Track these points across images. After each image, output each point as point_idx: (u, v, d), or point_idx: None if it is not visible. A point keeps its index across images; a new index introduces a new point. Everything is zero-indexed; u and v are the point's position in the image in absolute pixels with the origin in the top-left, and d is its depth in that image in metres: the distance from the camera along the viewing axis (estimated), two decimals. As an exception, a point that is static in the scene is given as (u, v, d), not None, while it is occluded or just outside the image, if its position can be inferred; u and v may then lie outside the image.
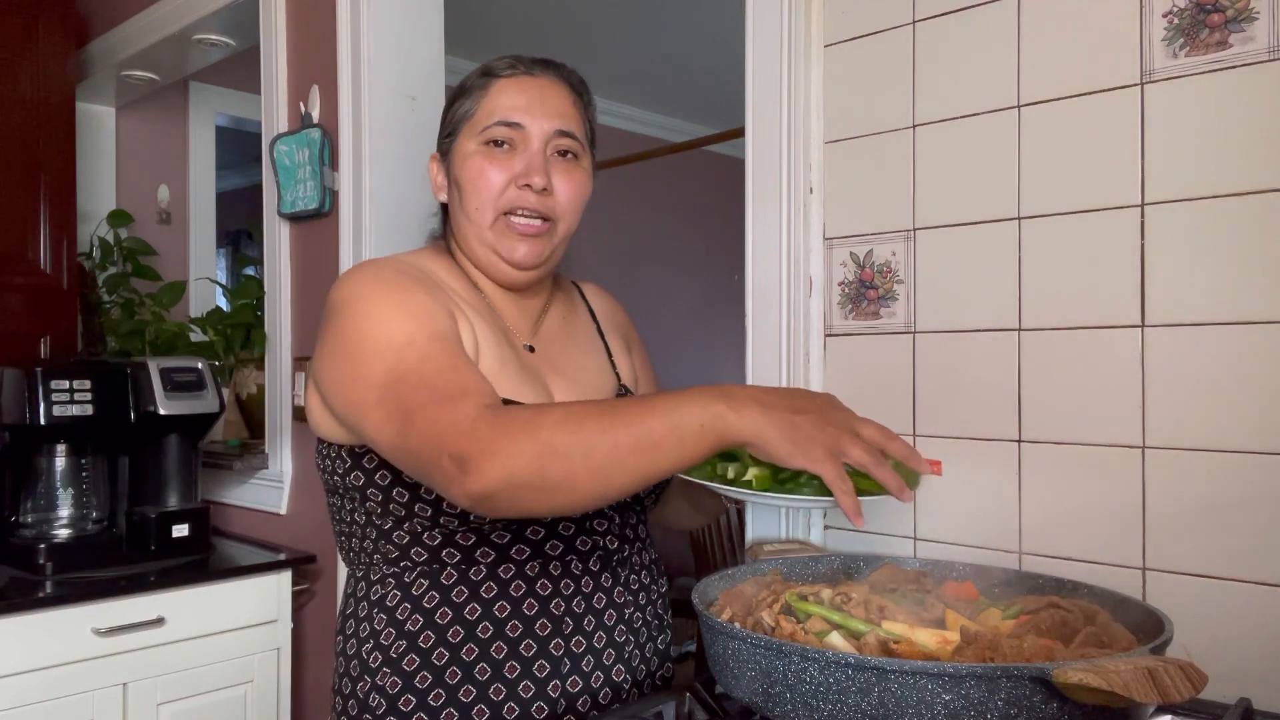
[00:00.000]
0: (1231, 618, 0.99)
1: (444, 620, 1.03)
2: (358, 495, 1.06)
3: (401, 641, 1.03)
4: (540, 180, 1.07)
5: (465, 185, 1.10)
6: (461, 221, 1.12)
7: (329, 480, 1.10)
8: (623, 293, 1.41)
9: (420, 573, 1.04)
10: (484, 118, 1.09)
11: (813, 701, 0.74)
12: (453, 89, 1.17)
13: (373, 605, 1.06)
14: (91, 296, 2.82)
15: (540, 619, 1.04)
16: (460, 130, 1.12)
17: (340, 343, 0.99)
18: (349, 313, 1.00)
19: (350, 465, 1.06)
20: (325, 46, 2.10)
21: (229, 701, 2.02)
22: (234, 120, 3.62)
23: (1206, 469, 1.01)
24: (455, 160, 1.12)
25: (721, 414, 0.84)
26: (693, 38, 3.78)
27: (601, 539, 1.09)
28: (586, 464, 0.83)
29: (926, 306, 1.24)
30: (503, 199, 1.08)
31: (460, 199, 1.11)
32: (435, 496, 1.01)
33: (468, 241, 1.12)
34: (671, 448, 0.84)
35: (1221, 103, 1.01)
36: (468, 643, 1.02)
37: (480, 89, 1.11)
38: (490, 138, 1.09)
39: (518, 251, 1.10)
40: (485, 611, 1.03)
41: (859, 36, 1.30)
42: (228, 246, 5.66)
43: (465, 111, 1.12)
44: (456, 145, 1.12)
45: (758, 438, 0.84)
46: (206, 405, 2.10)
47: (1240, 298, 1.00)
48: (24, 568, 1.94)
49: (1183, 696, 0.66)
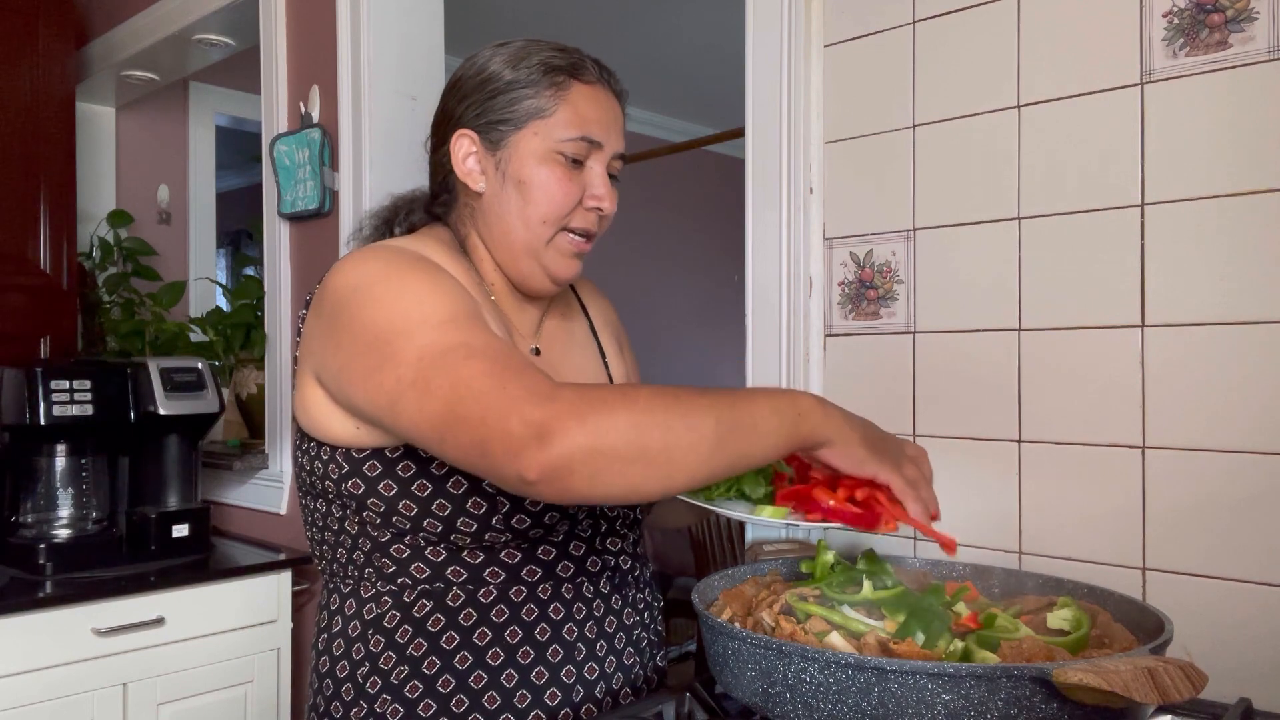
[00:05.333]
0: (1231, 618, 0.99)
1: (450, 646, 0.97)
2: (353, 503, 0.98)
3: (403, 667, 0.97)
4: (611, 206, 1.04)
5: (534, 193, 1.01)
6: (508, 223, 1.03)
7: (316, 484, 1.01)
8: (623, 293, 1.41)
9: (422, 593, 0.98)
10: (564, 125, 1.00)
11: (813, 701, 0.74)
12: (490, 65, 1.05)
13: (366, 625, 0.99)
14: (91, 296, 2.82)
15: (553, 645, 0.99)
16: (527, 125, 1.01)
17: (359, 330, 0.89)
18: (363, 298, 0.91)
19: (348, 471, 0.97)
20: (325, 46, 2.10)
21: (229, 701, 2.02)
22: (234, 120, 3.62)
23: (1206, 469, 1.01)
24: (516, 157, 1.01)
25: (810, 410, 0.84)
26: (693, 38, 3.78)
27: (614, 558, 1.07)
28: (690, 437, 0.78)
29: (926, 306, 1.23)
30: (569, 217, 1.02)
31: (519, 203, 1.02)
32: (449, 512, 0.95)
33: (508, 247, 1.04)
34: (769, 432, 0.82)
35: (1221, 103, 1.01)
36: (475, 670, 0.97)
37: (555, 86, 1.01)
38: (573, 153, 1.01)
39: (566, 271, 1.05)
40: (496, 637, 0.98)
41: (859, 36, 1.30)
42: (228, 246, 5.66)
43: (536, 107, 1.01)
44: (519, 140, 1.01)
45: (839, 438, 0.85)
46: (206, 405, 2.10)
47: (1240, 298, 1.00)
48: (24, 568, 1.93)
49: (1183, 696, 0.66)
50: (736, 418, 0.81)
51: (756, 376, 1.38)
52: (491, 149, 1.03)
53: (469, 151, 1.04)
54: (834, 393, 1.32)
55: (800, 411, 0.84)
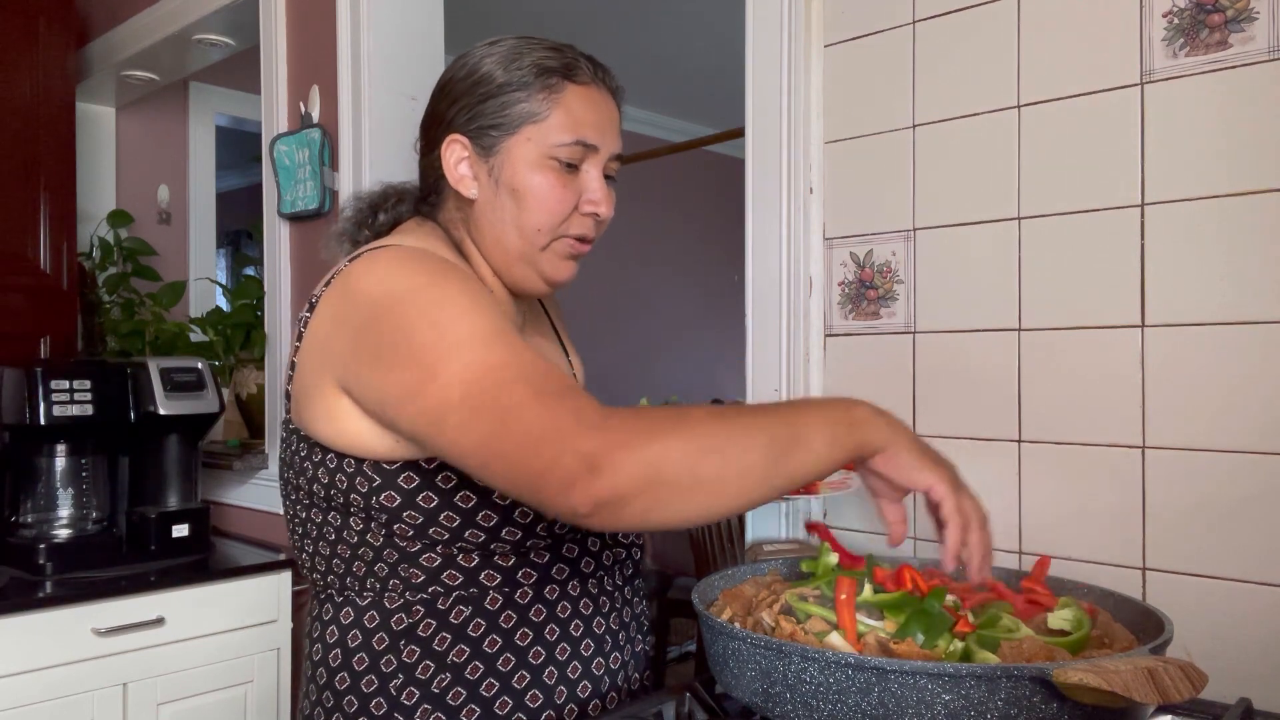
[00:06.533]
0: (1231, 618, 0.99)
1: (493, 649, 0.95)
2: (383, 516, 0.93)
3: (445, 675, 0.94)
4: (609, 211, 1.01)
5: (529, 201, 0.99)
6: (502, 230, 1.01)
7: (334, 497, 0.96)
8: (623, 292, 1.41)
9: (458, 598, 0.95)
10: (558, 130, 0.98)
11: (813, 701, 0.74)
12: (481, 66, 1.02)
13: (397, 636, 0.95)
14: (91, 296, 2.82)
15: (586, 639, 1.01)
16: (520, 130, 0.98)
17: (401, 343, 0.85)
18: (405, 310, 0.86)
19: (380, 484, 0.93)
20: (325, 46, 2.10)
21: (229, 701, 2.02)
22: (234, 120, 3.62)
23: (1206, 469, 1.01)
24: (510, 163, 0.99)
25: (865, 420, 0.84)
26: (693, 38, 3.78)
27: (626, 550, 1.07)
28: (745, 460, 0.77)
29: (926, 306, 1.23)
30: (565, 223, 1.00)
31: (513, 210, 0.99)
32: (494, 523, 0.93)
33: (503, 253, 1.02)
34: (824, 445, 0.81)
35: (1221, 103, 1.01)
36: (519, 670, 0.96)
37: (548, 89, 0.98)
38: (567, 158, 0.98)
39: (562, 274, 1.03)
40: (537, 636, 0.97)
41: (859, 36, 1.30)
42: (228, 246, 5.66)
43: (529, 111, 0.98)
44: (511, 146, 0.99)
45: (891, 444, 0.85)
46: (206, 405, 2.10)
47: (1240, 298, 1.00)
48: (24, 568, 1.93)
49: (1183, 696, 0.66)
50: (792, 434, 0.80)
51: (756, 376, 1.38)
52: (484, 154, 1.00)
53: (461, 157, 1.01)
54: (834, 393, 1.32)
55: (854, 420, 0.84)
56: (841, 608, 0.84)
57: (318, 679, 1.00)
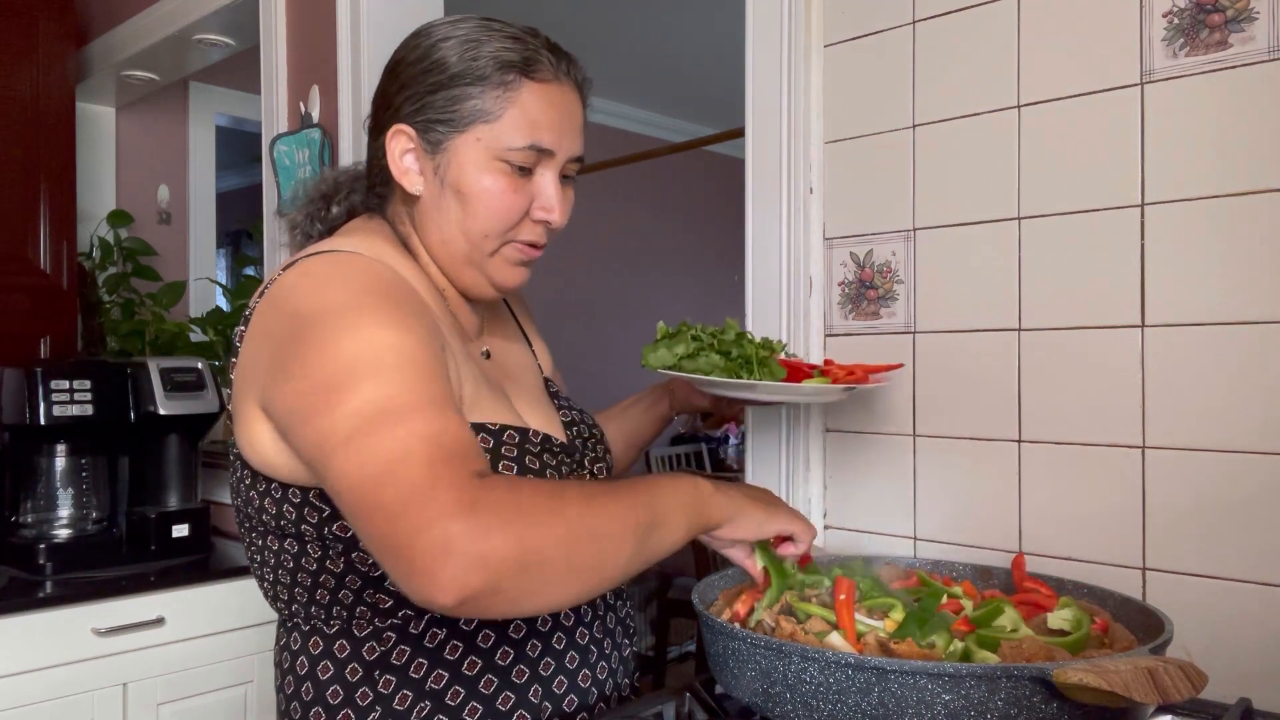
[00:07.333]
0: (1231, 618, 0.99)
1: (473, 671, 0.92)
2: (339, 545, 0.89)
3: (424, 703, 0.90)
4: (562, 219, 0.96)
5: (475, 205, 0.93)
6: (448, 232, 0.95)
7: (285, 526, 0.91)
8: (622, 292, 1.41)
9: (430, 621, 0.91)
10: (512, 132, 0.92)
11: (813, 701, 0.74)
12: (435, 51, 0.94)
13: (371, 667, 0.91)
14: (91, 296, 2.82)
15: (570, 651, 0.98)
16: (470, 128, 0.92)
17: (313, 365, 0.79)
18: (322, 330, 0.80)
19: (330, 513, 0.88)
20: (325, 46, 2.10)
21: (229, 701, 2.02)
22: (234, 120, 3.63)
23: (1206, 469, 1.01)
24: (456, 163, 0.93)
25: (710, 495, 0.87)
26: (693, 38, 3.78)
27: None
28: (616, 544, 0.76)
29: (926, 306, 1.24)
30: (515, 229, 0.95)
31: (459, 213, 0.94)
32: None
33: (449, 255, 0.97)
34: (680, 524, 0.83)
35: (1221, 103, 1.01)
36: (503, 691, 0.93)
37: (503, 86, 0.92)
38: (520, 162, 0.92)
39: (511, 280, 0.98)
40: (519, 653, 0.94)
41: (859, 36, 1.30)
42: (228, 246, 5.66)
43: (480, 109, 0.91)
44: (460, 144, 0.93)
45: (734, 514, 0.89)
46: (206, 405, 2.10)
47: (1240, 298, 1.00)
48: (24, 568, 1.94)
49: (1183, 696, 0.66)
50: (653, 518, 0.80)
51: (756, 376, 1.38)
52: (430, 150, 0.94)
53: (405, 149, 0.95)
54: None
55: (701, 499, 0.86)
56: (841, 608, 0.85)
57: (291, 713, 0.97)
